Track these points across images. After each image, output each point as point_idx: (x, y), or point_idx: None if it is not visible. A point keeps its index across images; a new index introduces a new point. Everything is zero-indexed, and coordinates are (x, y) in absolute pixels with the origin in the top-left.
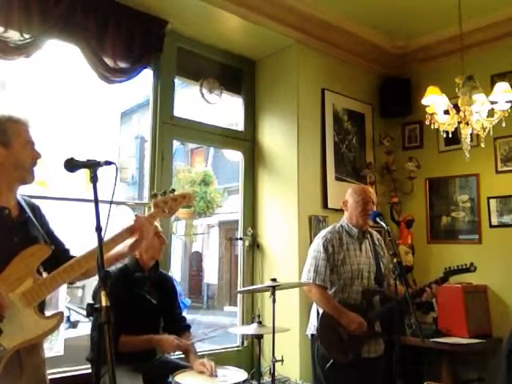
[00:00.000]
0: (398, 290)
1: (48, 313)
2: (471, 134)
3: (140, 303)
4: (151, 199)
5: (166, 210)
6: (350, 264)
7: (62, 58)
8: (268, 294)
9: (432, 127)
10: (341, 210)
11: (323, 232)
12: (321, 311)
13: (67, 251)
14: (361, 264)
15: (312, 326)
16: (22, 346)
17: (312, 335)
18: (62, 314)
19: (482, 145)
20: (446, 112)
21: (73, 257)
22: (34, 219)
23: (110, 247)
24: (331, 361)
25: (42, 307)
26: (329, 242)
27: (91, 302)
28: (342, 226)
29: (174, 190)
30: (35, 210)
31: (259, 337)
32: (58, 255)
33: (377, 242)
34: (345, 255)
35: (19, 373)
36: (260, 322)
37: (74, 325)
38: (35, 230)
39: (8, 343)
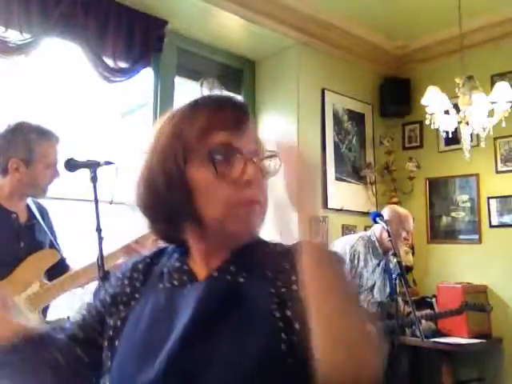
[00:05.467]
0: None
1: (50, 316)
2: (471, 134)
3: None
4: None
5: None
6: (366, 278)
7: (61, 58)
8: None
9: (432, 127)
10: (341, 210)
11: (351, 239)
12: None
13: (63, 260)
14: (375, 279)
15: None
16: None
17: None
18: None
19: (482, 145)
20: (446, 112)
21: (68, 265)
22: (42, 223)
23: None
24: None
25: (45, 312)
26: (355, 254)
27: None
28: (371, 241)
29: None
30: (43, 213)
31: None
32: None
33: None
34: (364, 270)
35: None
36: None
37: None
38: (42, 235)
39: None
